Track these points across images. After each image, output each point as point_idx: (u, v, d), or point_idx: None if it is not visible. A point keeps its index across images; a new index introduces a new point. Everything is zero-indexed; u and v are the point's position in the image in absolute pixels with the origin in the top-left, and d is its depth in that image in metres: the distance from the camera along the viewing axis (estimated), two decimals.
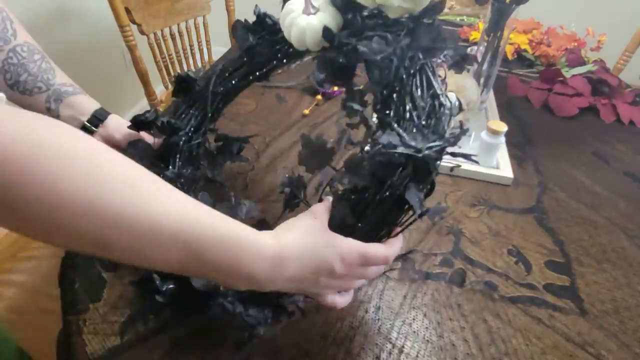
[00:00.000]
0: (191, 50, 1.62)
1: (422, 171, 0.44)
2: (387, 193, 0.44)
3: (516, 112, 1.10)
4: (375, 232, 0.46)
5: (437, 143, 0.44)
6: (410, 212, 0.45)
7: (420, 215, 0.43)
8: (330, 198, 0.48)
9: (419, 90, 0.48)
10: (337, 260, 0.41)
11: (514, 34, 1.35)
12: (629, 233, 0.76)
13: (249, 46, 0.64)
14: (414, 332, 0.57)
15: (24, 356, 0.66)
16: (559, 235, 0.74)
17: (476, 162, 0.50)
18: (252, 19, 0.65)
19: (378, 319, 0.58)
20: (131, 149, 0.63)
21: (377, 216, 0.45)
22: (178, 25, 1.52)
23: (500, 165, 0.87)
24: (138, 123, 0.63)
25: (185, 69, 1.62)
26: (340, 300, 0.45)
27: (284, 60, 0.64)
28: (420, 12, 0.51)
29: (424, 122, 0.46)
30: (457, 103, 0.85)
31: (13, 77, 0.59)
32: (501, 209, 0.79)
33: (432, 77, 0.48)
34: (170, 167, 0.63)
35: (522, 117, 1.08)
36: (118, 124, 0.64)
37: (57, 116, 0.62)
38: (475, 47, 0.99)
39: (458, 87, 0.86)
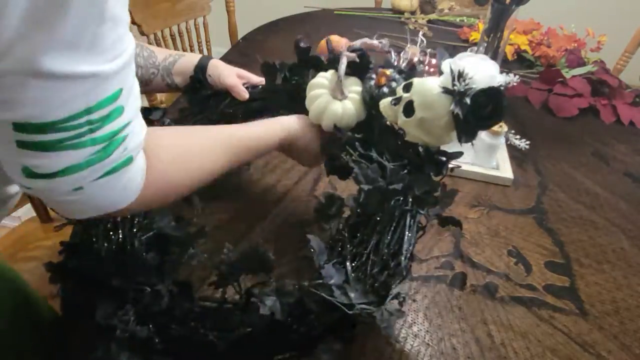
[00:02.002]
0: (191, 50, 1.61)
1: (343, 325, 0.45)
2: (303, 328, 0.45)
3: (516, 112, 1.10)
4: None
5: (370, 307, 0.43)
6: None
7: None
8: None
9: (388, 236, 0.48)
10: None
11: (514, 35, 1.35)
12: (628, 234, 0.76)
13: (272, 87, 0.69)
14: (415, 334, 0.57)
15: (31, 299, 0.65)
16: (559, 236, 0.74)
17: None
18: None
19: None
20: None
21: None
22: (178, 25, 1.52)
23: (500, 165, 0.87)
24: None
25: None
26: None
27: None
28: (425, 157, 0.52)
29: (375, 271, 0.46)
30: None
31: None
32: (501, 209, 0.79)
33: (406, 232, 0.48)
34: None
35: (522, 117, 1.08)
36: (216, 70, 0.72)
37: (175, 86, 0.73)
38: (474, 48, 0.99)
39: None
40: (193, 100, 0.71)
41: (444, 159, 0.53)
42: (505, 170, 0.86)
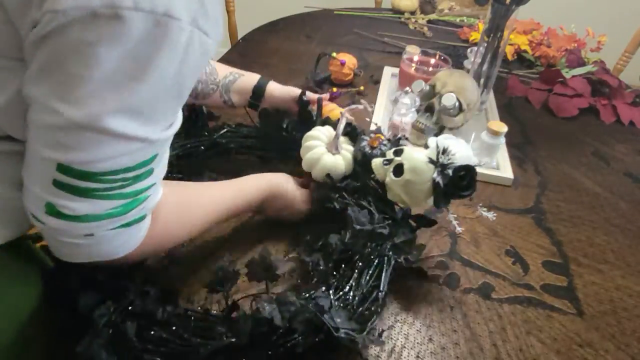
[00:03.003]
0: None
1: (325, 347, 0.48)
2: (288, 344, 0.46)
3: (516, 112, 1.10)
4: None
5: (353, 334, 0.46)
6: None
7: None
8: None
9: (367, 274, 0.54)
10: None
11: (514, 35, 1.35)
12: (627, 234, 0.76)
13: (268, 131, 0.76)
14: (411, 334, 0.57)
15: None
16: (558, 235, 0.74)
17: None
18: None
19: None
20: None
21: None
22: None
23: (500, 166, 0.87)
24: None
25: None
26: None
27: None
28: (401, 218, 0.61)
29: (355, 302, 0.51)
30: (457, 104, 0.85)
31: (193, 91, 0.66)
32: (500, 209, 0.79)
33: (383, 275, 0.54)
34: None
35: (522, 117, 1.08)
36: (272, 95, 0.77)
37: (231, 104, 0.77)
38: (473, 48, 0.99)
39: (458, 88, 0.86)
40: (190, 130, 0.75)
41: (414, 225, 0.61)
42: (505, 170, 0.86)
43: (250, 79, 0.77)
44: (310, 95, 0.78)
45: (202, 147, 0.74)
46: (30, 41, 0.32)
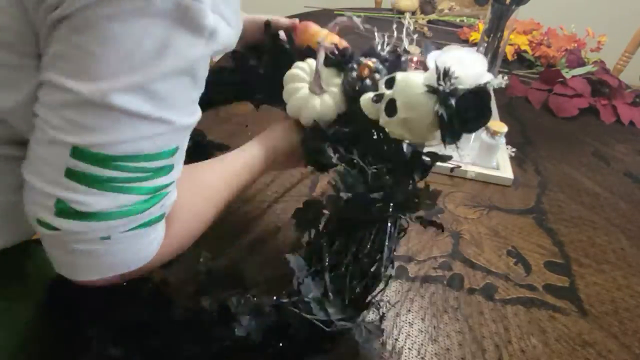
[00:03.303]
0: None
1: (324, 339, 0.43)
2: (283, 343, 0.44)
3: (516, 112, 1.10)
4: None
5: (348, 324, 0.41)
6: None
7: None
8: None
9: (368, 244, 0.45)
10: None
11: (514, 35, 1.35)
12: (628, 234, 0.76)
13: (247, 69, 0.64)
14: (413, 335, 0.57)
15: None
16: (559, 236, 0.74)
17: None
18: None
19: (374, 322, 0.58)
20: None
21: None
22: None
23: (500, 166, 0.87)
24: None
25: None
26: None
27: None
28: (412, 159, 0.50)
29: (354, 283, 0.44)
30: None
31: None
32: (501, 209, 0.78)
33: (386, 239, 0.46)
34: None
35: (522, 117, 1.08)
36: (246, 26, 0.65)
37: None
38: (474, 48, 0.99)
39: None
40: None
41: (429, 160, 0.50)
42: (505, 170, 0.86)
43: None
44: (279, 21, 0.64)
45: None
46: (49, 25, 0.31)
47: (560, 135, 1.03)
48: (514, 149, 0.93)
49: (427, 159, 0.50)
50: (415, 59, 1.09)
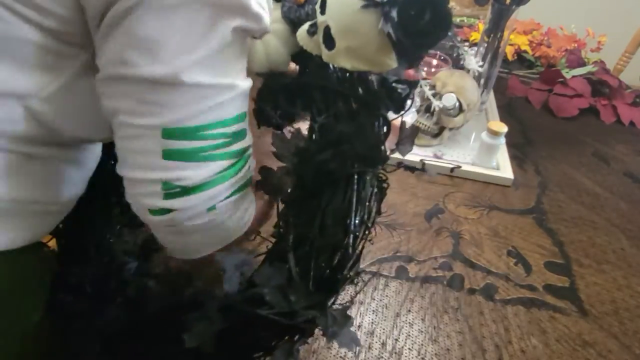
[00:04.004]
0: None
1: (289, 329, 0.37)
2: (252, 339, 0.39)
3: (516, 113, 1.10)
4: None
5: (312, 312, 0.35)
6: None
7: None
8: None
9: (332, 215, 0.37)
10: None
11: (514, 35, 1.35)
12: (628, 234, 0.76)
13: None
14: (413, 335, 0.57)
15: None
16: (559, 236, 0.74)
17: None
18: None
19: (377, 322, 0.58)
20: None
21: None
22: None
23: (500, 166, 0.87)
24: None
25: None
26: None
27: None
28: (381, 91, 0.41)
29: (322, 258, 0.36)
30: (457, 104, 0.85)
31: None
32: (501, 210, 0.78)
33: (353, 200, 0.37)
34: None
35: (522, 118, 1.08)
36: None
37: None
38: (474, 48, 0.99)
39: (458, 88, 0.86)
40: None
41: (403, 89, 0.41)
42: (505, 170, 0.86)
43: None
44: None
45: None
46: (108, 18, 0.34)
47: (561, 135, 1.03)
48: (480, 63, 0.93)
49: (402, 86, 0.42)
50: None
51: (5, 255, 0.40)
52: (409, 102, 0.43)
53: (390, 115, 0.43)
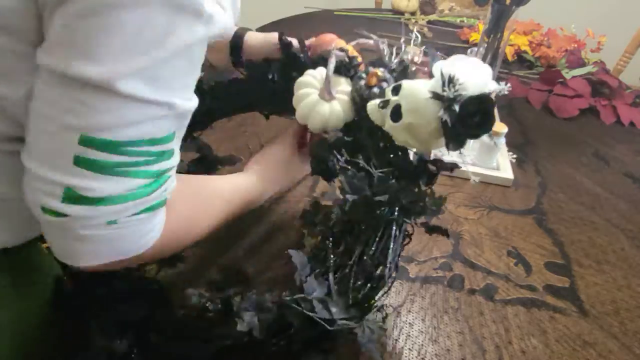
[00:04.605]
0: None
1: (325, 339, 0.44)
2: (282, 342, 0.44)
3: (516, 113, 1.10)
4: None
5: (351, 323, 0.42)
6: None
7: None
8: None
9: (372, 246, 0.46)
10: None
11: (514, 36, 1.35)
12: (628, 234, 0.76)
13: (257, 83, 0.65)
14: (413, 336, 0.57)
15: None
16: (559, 236, 0.74)
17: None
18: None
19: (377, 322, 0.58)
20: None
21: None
22: None
23: (500, 166, 0.87)
24: None
25: None
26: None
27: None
28: (418, 166, 0.51)
29: (358, 284, 0.44)
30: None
31: None
32: (501, 210, 0.79)
33: (391, 242, 0.46)
34: None
35: (522, 118, 1.08)
36: (250, 46, 0.69)
37: (209, 64, 0.72)
38: (474, 49, 0.99)
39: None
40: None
41: (434, 168, 0.51)
42: (505, 170, 0.86)
43: (228, 34, 0.69)
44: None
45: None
46: (51, 7, 0.32)
47: (561, 135, 1.03)
48: (514, 156, 0.93)
49: (433, 167, 0.51)
50: (415, 58, 1.09)
51: (6, 254, 0.40)
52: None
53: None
